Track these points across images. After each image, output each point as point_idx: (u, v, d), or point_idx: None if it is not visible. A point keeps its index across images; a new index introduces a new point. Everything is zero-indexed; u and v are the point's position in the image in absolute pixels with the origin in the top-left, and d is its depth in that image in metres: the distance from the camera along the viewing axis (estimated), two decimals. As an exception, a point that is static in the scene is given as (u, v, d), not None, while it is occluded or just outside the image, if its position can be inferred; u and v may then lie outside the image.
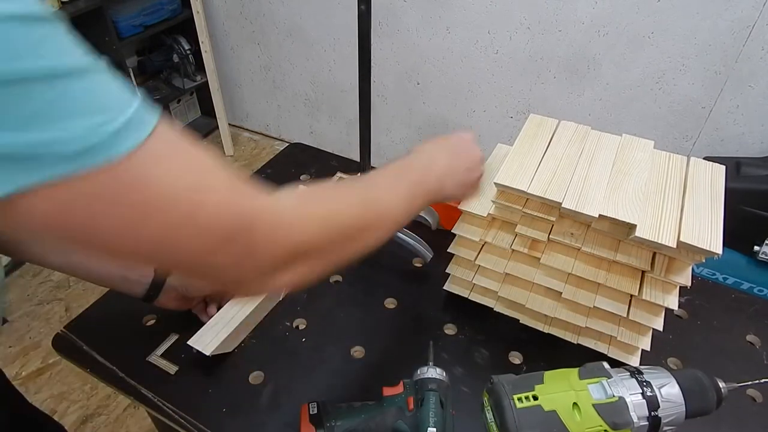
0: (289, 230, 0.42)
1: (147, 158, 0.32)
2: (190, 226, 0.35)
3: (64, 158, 0.28)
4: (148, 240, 0.34)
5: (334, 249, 0.48)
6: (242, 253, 0.38)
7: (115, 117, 0.30)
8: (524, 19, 1.78)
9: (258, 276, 0.42)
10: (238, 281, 0.42)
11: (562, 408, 0.52)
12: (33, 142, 0.27)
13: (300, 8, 2.20)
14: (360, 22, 0.63)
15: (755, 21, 1.48)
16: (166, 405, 0.67)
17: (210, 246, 0.36)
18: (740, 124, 1.66)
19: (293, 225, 0.43)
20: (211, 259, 0.37)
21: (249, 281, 0.42)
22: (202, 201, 0.35)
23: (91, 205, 0.31)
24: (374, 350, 0.75)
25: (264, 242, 0.39)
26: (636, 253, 0.64)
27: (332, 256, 0.48)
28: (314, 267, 0.46)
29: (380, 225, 0.54)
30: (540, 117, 0.75)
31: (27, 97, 0.27)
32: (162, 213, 0.33)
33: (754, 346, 0.77)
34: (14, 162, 0.27)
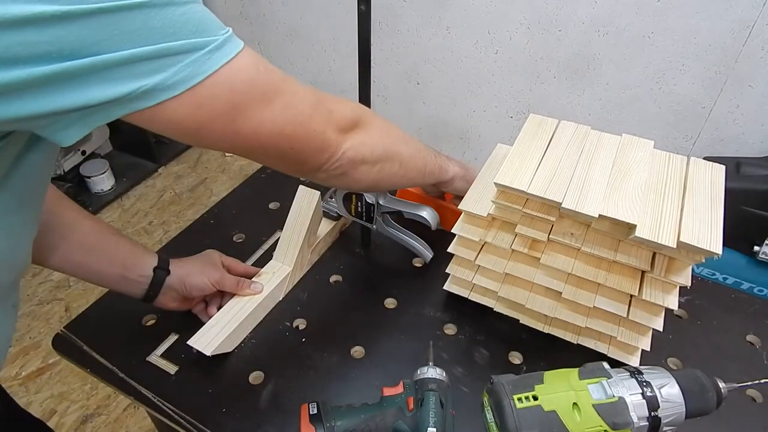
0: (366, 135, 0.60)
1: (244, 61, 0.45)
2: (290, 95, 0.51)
3: (195, 62, 0.40)
4: (270, 120, 0.48)
5: (378, 163, 0.62)
6: (327, 120, 0.54)
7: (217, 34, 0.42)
8: (524, 19, 1.78)
9: (333, 136, 0.55)
10: (324, 143, 0.54)
11: (562, 408, 0.52)
12: (168, 49, 0.39)
13: (300, 8, 2.20)
14: (360, 22, 0.63)
15: (755, 21, 1.48)
16: (166, 405, 0.67)
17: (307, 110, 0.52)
18: (740, 124, 1.66)
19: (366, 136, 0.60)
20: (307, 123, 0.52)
21: (329, 142, 0.55)
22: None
23: (225, 96, 0.44)
24: (374, 350, 0.75)
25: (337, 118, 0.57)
26: (636, 253, 0.64)
27: (377, 169, 0.62)
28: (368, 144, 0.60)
29: (416, 163, 0.71)
30: (540, 117, 0.75)
31: (160, 17, 0.38)
32: (281, 96, 0.48)
33: (754, 346, 0.77)
34: (155, 67, 0.39)
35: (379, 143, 0.62)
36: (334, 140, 0.55)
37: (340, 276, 0.86)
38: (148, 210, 2.30)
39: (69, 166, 2.24)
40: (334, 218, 0.91)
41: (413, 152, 0.70)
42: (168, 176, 2.49)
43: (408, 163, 0.68)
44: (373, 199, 0.80)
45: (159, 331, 0.76)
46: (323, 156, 0.55)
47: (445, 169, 0.77)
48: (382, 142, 0.62)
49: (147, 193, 2.39)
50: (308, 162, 0.55)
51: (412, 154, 0.69)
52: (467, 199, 0.73)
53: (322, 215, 0.90)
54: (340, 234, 0.94)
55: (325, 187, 0.82)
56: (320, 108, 0.54)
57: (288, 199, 0.85)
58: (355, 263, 0.89)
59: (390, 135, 0.65)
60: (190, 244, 0.85)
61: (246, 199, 1.03)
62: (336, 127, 0.55)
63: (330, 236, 0.91)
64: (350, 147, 0.57)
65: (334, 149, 0.56)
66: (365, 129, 0.60)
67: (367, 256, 0.91)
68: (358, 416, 0.59)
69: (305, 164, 0.55)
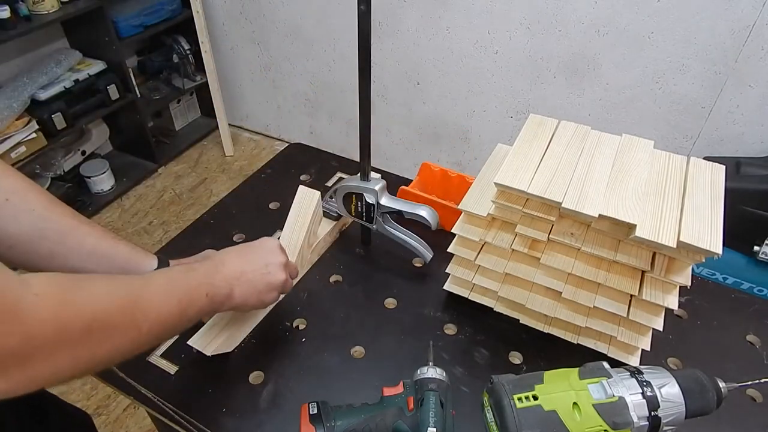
0: (26, 316, 0.37)
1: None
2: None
3: None
4: None
5: (74, 349, 0.41)
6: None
7: None
8: (524, 19, 1.78)
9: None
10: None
11: (562, 408, 0.52)
12: None
13: (300, 8, 2.20)
14: (360, 22, 0.63)
15: (755, 21, 1.48)
16: (166, 405, 0.67)
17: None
18: (740, 124, 1.66)
19: (34, 311, 0.38)
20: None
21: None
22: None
23: None
24: (374, 350, 0.75)
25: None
26: (636, 253, 0.64)
27: (70, 358, 0.41)
28: (43, 371, 0.40)
29: (140, 326, 0.49)
30: (540, 117, 0.75)
31: None
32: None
33: (754, 346, 0.77)
34: None
35: (68, 327, 0.41)
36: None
37: (340, 276, 0.86)
38: (148, 210, 2.30)
39: (69, 166, 2.24)
40: (334, 218, 0.91)
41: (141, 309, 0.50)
42: (168, 176, 2.49)
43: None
44: (373, 199, 0.80)
45: (159, 331, 0.76)
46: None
47: (223, 294, 0.60)
48: (74, 324, 0.42)
49: (147, 193, 2.39)
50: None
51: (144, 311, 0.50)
52: (467, 199, 0.73)
53: (322, 215, 0.90)
54: (340, 234, 0.94)
55: (325, 187, 0.82)
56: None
57: (288, 199, 0.85)
58: (355, 263, 0.89)
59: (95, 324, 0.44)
60: (190, 244, 0.85)
61: (246, 199, 1.03)
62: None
63: (330, 236, 0.91)
64: (4, 390, 0.38)
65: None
66: (30, 363, 0.39)
67: (367, 256, 0.91)
68: (358, 416, 0.59)
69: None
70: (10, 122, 1.82)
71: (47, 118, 1.93)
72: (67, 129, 2.01)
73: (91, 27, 2.06)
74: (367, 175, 0.79)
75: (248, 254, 0.66)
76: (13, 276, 0.37)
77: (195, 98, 2.77)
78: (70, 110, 2.00)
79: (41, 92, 1.92)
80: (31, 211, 0.61)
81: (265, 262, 0.66)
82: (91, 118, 2.15)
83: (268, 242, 0.69)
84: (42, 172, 2.15)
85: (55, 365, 0.40)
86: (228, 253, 0.66)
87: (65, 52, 2.07)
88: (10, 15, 1.75)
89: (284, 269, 0.68)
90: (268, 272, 0.66)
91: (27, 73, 1.93)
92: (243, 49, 2.49)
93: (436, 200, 0.92)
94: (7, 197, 0.60)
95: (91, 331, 0.43)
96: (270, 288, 0.66)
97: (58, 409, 0.84)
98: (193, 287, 0.57)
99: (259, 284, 0.65)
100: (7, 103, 1.81)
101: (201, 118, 2.83)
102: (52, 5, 1.88)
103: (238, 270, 0.63)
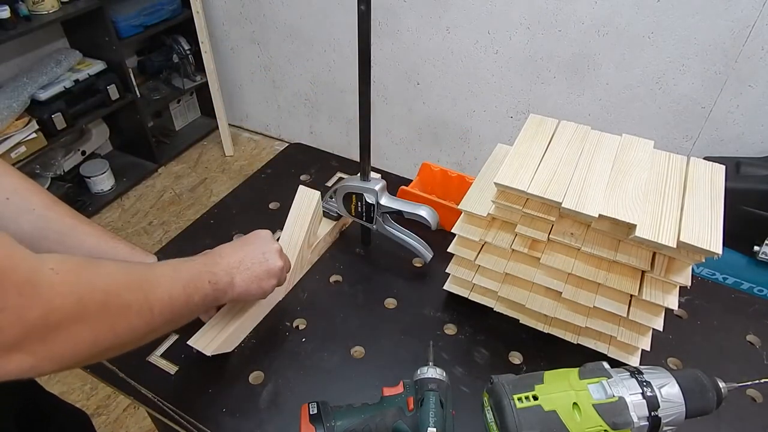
0: (45, 289, 0.38)
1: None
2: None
3: None
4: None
5: (93, 323, 0.42)
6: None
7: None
8: (524, 19, 1.78)
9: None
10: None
11: (562, 408, 0.52)
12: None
13: (300, 8, 2.20)
14: (360, 22, 0.63)
15: (755, 21, 1.48)
16: (166, 405, 0.67)
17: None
18: (740, 124, 1.66)
19: (52, 284, 0.38)
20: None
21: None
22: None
23: None
24: (374, 350, 0.75)
25: (12, 298, 0.35)
26: (636, 253, 0.64)
27: (90, 333, 0.42)
28: (65, 347, 0.40)
29: (151, 308, 0.50)
30: (540, 117, 0.75)
31: None
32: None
33: (754, 346, 0.77)
34: None
35: (83, 303, 0.42)
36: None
37: (340, 276, 0.86)
38: (148, 210, 2.30)
39: (69, 166, 2.24)
40: (334, 218, 0.91)
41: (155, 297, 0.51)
42: (168, 176, 2.49)
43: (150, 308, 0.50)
44: (373, 199, 0.80)
45: (159, 331, 0.76)
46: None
47: (224, 283, 0.62)
48: (88, 301, 0.42)
49: (147, 193, 2.39)
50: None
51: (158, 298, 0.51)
52: (467, 199, 0.73)
53: (322, 215, 0.90)
54: (340, 234, 0.94)
55: (325, 187, 0.82)
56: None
57: (288, 199, 0.85)
58: (355, 263, 0.89)
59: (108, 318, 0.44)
60: (190, 244, 0.85)
61: (246, 199, 1.03)
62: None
63: (330, 236, 0.91)
64: (14, 370, 0.38)
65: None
66: (52, 338, 0.39)
67: (367, 256, 0.91)
68: (358, 416, 0.59)
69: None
70: (10, 122, 1.82)
71: (47, 118, 1.92)
72: (67, 129, 2.01)
73: (91, 27, 2.06)
74: (367, 175, 0.79)
75: (244, 246, 0.67)
76: (29, 252, 0.38)
77: (195, 98, 2.77)
78: (70, 110, 2.00)
79: (41, 92, 1.92)
80: (31, 211, 0.61)
81: (262, 250, 0.68)
82: (91, 118, 2.15)
83: (261, 232, 0.71)
84: (42, 172, 2.15)
85: (76, 341, 0.41)
86: (224, 247, 0.66)
87: (65, 52, 2.07)
88: (10, 15, 1.75)
89: (280, 255, 0.69)
90: (266, 260, 0.67)
91: (27, 73, 1.93)
92: (243, 49, 2.49)
93: (436, 200, 0.92)
94: (7, 196, 0.60)
95: (108, 306, 0.44)
96: (269, 275, 0.67)
97: (57, 409, 0.85)
98: (196, 275, 0.58)
99: (259, 271, 0.66)
100: (7, 103, 1.81)
101: (201, 118, 2.83)
102: (52, 5, 1.88)
103: (236, 260, 0.64)
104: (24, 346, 0.37)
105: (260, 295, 0.68)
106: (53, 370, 0.41)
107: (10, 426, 0.69)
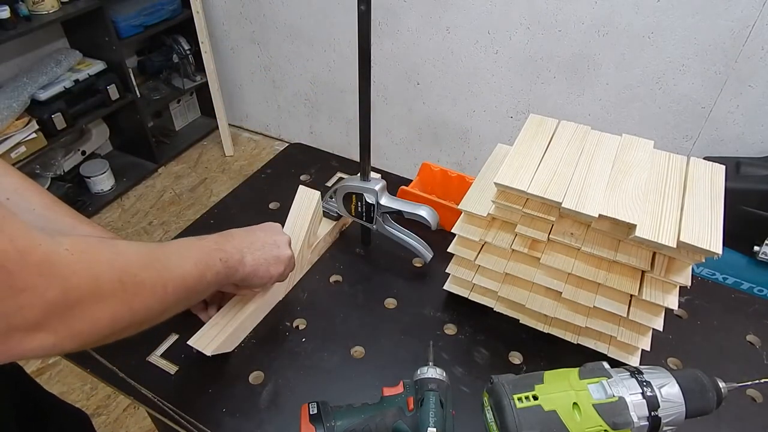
0: (63, 269, 0.38)
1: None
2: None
3: None
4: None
5: (110, 301, 0.43)
6: (2, 287, 0.34)
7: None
8: (524, 19, 1.78)
9: (16, 325, 0.36)
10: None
11: (562, 408, 0.52)
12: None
13: (300, 8, 2.20)
14: (360, 22, 0.63)
15: (755, 21, 1.48)
16: (166, 405, 0.67)
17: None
18: (740, 124, 1.66)
19: (68, 263, 0.39)
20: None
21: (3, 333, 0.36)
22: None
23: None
24: (374, 350, 0.75)
25: (33, 278, 0.36)
26: (636, 253, 0.64)
27: (107, 310, 0.43)
28: (85, 324, 0.41)
29: (166, 284, 0.50)
30: (540, 117, 0.75)
31: None
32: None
33: (754, 346, 0.77)
34: None
35: (101, 282, 0.42)
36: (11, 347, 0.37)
37: (340, 276, 0.86)
38: (148, 210, 2.30)
39: (69, 166, 2.24)
40: (334, 218, 0.91)
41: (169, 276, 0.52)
42: (168, 176, 2.49)
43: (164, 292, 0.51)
44: (373, 199, 0.80)
45: (159, 331, 0.76)
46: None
47: (235, 260, 0.62)
48: (106, 279, 0.43)
49: (147, 193, 2.39)
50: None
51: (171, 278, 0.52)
52: (467, 199, 0.73)
53: (322, 215, 0.90)
54: (340, 234, 0.94)
55: (325, 187, 0.82)
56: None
57: (288, 199, 0.85)
58: (355, 263, 0.89)
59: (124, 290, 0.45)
60: (190, 244, 0.85)
61: (246, 199, 1.03)
62: (19, 317, 0.36)
63: (330, 236, 0.91)
64: (38, 348, 0.39)
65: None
66: (72, 316, 0.40)
67: (367, 256, 0.91)
68: (358, 416, 0.59)
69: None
70: (10, 122, 1.82)
71: (47, 118, 1.93)
72: (67, 129, 2.01)
73: (91, 27, 2.06)
74: (367, 175, 0.80)
75: (255, 231, 0.69)
76: (43, 233, 0.38)
77: (195, 98, 2.77)
78: (70, 110, 2.00)
79: (41, 92, 1.92)
80: (31, 211, 0.61)
81: (273, 238, 0.69)
82: (91, 118, 2.15)
83: (272, 224, 0.72)
84: (42, 172, 2.15)
85: (95, 318, 0.42)
86: (235, 230, 0.67)
87: (65, 52, 2.07)
88: (10, 15, 1.75)
89: (290, 246, 0.70)
90: (276, 246, 0.68)
91: (27, 73, 1.93)
92: (243, 49, 2.49)
93: (436, 200, 0.92)
94: (7, 196, 0.60)
95: (124, 284, 0.45)
96: (278, 260, 0.68)
97: (57, 409, 0.85)
98: (207, 252, 0.59)
99: (268, 254, 0.67)
100: (7, 103, 1.81)
101: (201, 118, 2.83)
102: (52, 5, 1.88)
103: (248, 241, 0.65)
104: (45, 325, 0.38)
105: (266, 279, 0.68)
106: (74, 348, 0.42)
107: (11, 426, 0.69)
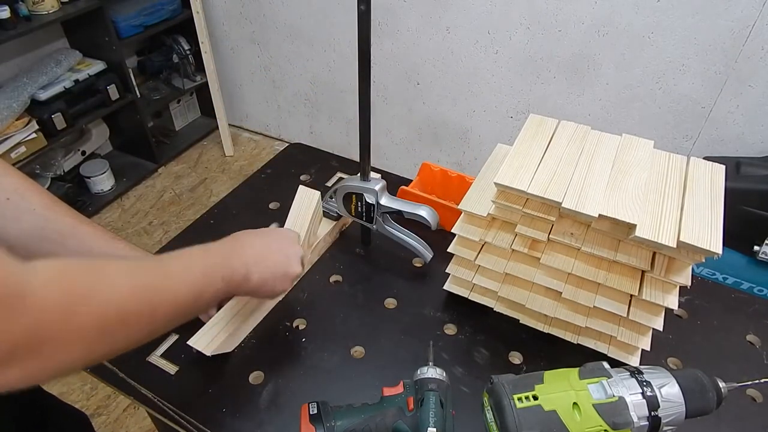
0: (34, 302, 0.35)
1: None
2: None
3: None
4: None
5: (86, 337, 0.40)
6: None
7: None
8: (524, 19, 1.78)
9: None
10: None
11: (562, 408, 0.52)
12: None
13: (300, 8, 2.20)
14: (360, 22, 0.63)
15: (755, 21, 1.48)
16: (166, 405, 0.67)
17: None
18: (740, 124, 1.66)
19: (42, 297, 0.36)
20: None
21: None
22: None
23: None
24: (374, 350, 0.75)
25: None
26: (636, 253, 0.64)
27: (83, 346, 0.40)
28: (56, 360, 0.38)
29: (155, 310, 0.47)
30: (540, 117, 0.75)
31: None
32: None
33: (754, 346, 0.77)
34: None
35: (75, 319, 0.39)
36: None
37: (340, 276, 0.86)
38: (148, 210, 2.30)
39: (69, 166, 2.24)
40: (334, 218, 0.91)
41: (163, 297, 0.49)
42: (168, 176, 2.49)
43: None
44: (373, 199, 0.80)
45: (159, 331, 0.76)
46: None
47: (241, 275, 0.60)
48: (82, 317, 0.40)
49: (147, 193, 2.39)
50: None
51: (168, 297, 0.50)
52: (467, 199, 0.73)
53: (322, 215, 0.90)
54: (340, 234, 0.94)
55: (325, 187, 0.82)
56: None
57: (288, 199, 0.85)
58: (355, 263, 0.89)
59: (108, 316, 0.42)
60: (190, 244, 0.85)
61: (246, 199, 1.03)
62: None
63: (330, 236, 0.91)
64: (3, 384, 0.36)
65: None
66: (40, 353, 0.37)
67: (367, 256, 0.91)
68: (358, 416, 0.59)
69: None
70: (10, 122, 1.82)
71: (47, 118, 1.93)
72: (67, 129, 2.01)
73: (91, 27, 2.06)
74: (367, 175, 0.80)
75: (271, 241, 0.66)
76: (17, 263, 0.36)
77: (195, 98, 2.77)
78: (70, 110, 2.00)
79: (41, 92, 1.92)
80: (31, 211, 0.61)
81: (286, 252, 0.66)
82: (91, 118, 2.15)
83: (290, 233, 0.70)
84: (42, 172, 2.15)
85: (68, 354, 0.39)
86: (249, 235, 0.65)
87: (65, 52, 2.07)
88: (10, 15, 1.75)
89: (301, 263, 0.68)
90: (288, 263, 0.66)
91: (27, 73, 1.93)
92: (243, 49, 2.49)
93: (436, 200, 0.92)
94: (8, 196, 0.60)
95: (105, 318, 0.42)
96: (285, 278, 0.66)
97: (56, 409, 0.85)
98: (209, 272, 0.56)
99: (277, 271, 0.65)
100: (7, 103, 1.81)
101: (201, 118, 2.83)
102: (52, 5, 1.88)
103: (258, 254, 0.63)
104: (12, 361, 0.36)
105: (270, 295, 0.67)
106: (45, 381, 0.40)
107: (10, 427, 0.69)
